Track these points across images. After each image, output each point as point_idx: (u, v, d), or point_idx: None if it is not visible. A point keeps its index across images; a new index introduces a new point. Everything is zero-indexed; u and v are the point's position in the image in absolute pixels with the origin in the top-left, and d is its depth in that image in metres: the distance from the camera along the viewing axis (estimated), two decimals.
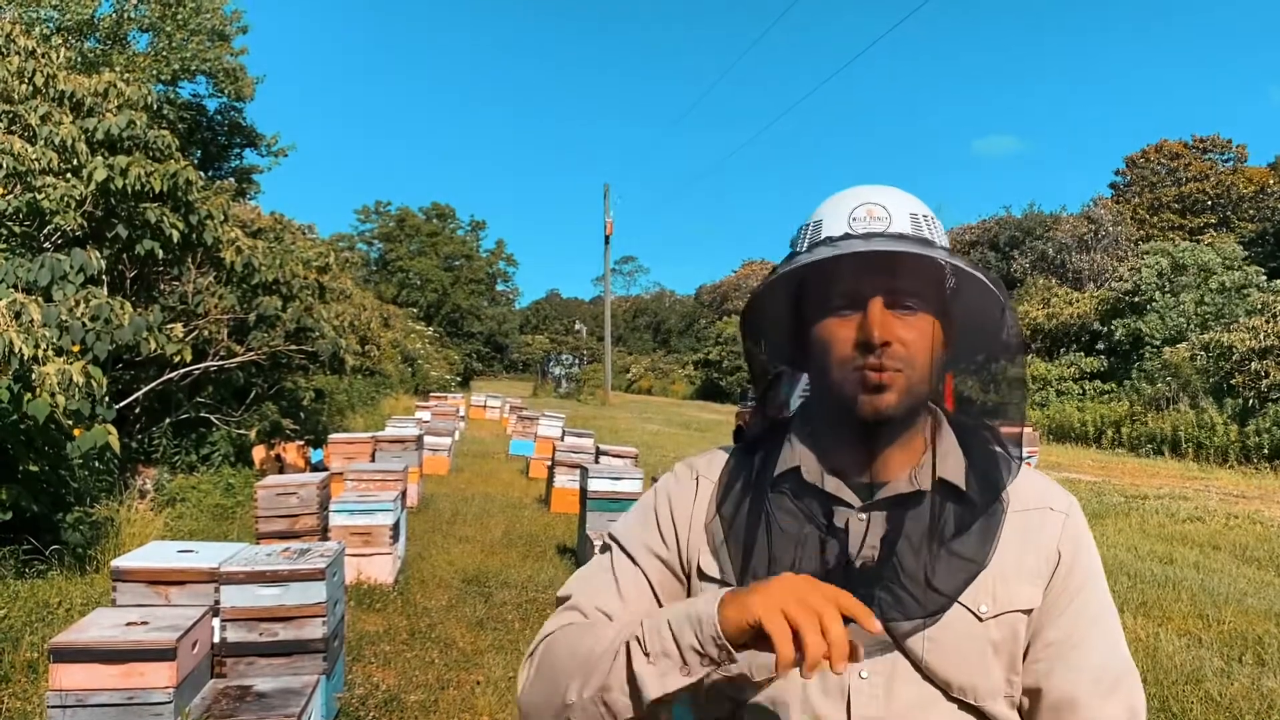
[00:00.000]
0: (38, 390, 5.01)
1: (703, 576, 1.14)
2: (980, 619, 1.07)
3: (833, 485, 1.09)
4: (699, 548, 1.15)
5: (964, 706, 1.08)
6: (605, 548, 1.22)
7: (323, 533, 5.74)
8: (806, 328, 1.10)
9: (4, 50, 7.73)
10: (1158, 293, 23.32)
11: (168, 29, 16.80)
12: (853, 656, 0.86)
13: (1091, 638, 1.10)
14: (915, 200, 1.10)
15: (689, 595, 1.16)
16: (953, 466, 1.09)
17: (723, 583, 1.11)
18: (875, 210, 1.07)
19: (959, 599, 1.05)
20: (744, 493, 1.12)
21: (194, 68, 17.69)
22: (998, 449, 1.11)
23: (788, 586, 0.91)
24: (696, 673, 0.94)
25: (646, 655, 0.95)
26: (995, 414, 1.14)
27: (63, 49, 8.46)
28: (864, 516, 1.08)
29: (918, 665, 1.06)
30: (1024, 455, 1.12)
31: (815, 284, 1.07)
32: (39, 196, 7.07)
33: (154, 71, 16.47)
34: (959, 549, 1.05)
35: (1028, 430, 11.83)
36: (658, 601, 1.16)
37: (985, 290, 1.06)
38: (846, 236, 1.05)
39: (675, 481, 1.22)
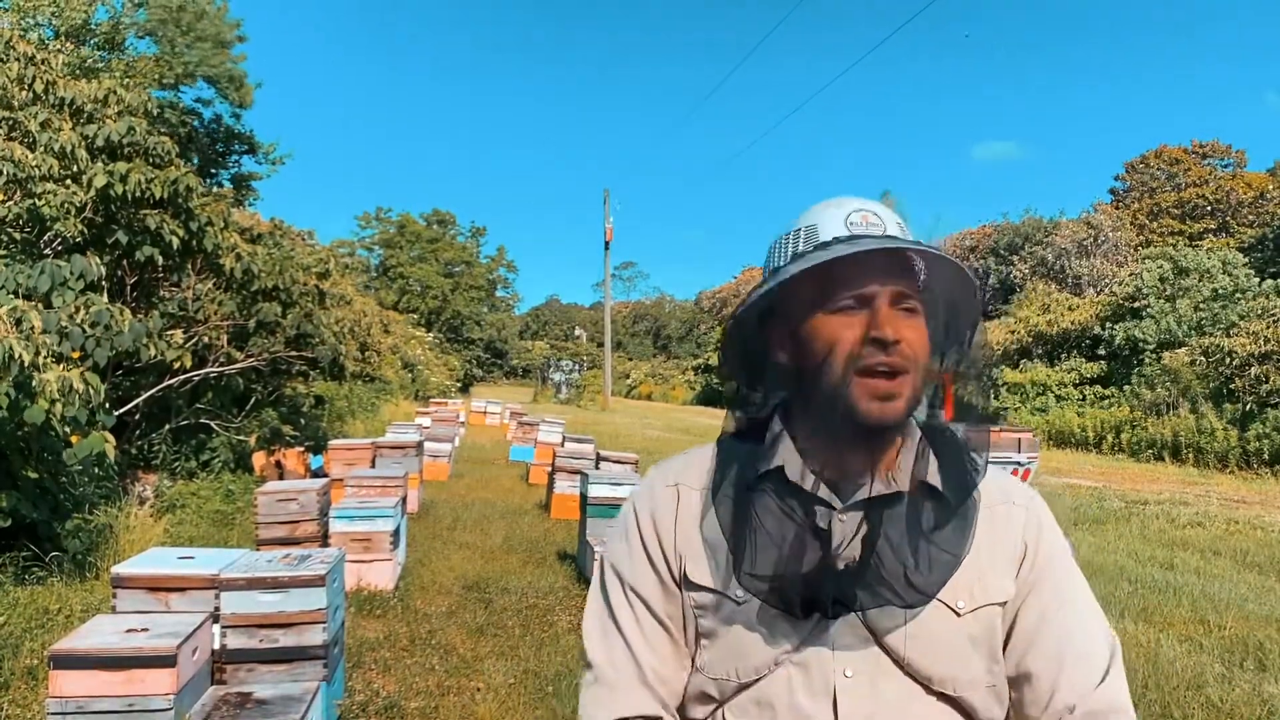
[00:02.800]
0: (36, 397, 5.00)
1: (690, 585, 1.15)
2: (958, 614, 1.10)
3: (815, 485, 1.10)
4: (685, 556, 1.16)
5: (945, 699, 1.10)
6: (603, 584, 1.23)
7: (323, 539, 5.74)
8: (795, 330, 1.10)
9: (3, 57, 7.74)
10: (1153, 298, 23.34)
11: (170, 34, 16.85)
12: None
13: (1062, 615, 1.12)
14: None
15: (682, 605, 1.16)
16: (929, 467, 1.11)
17: (711, 590, 1.13)
18: (870, 217, 1.08)
19: (938, 596, 1.08)
20: (729, 496, 1.13)
21: (198, 72, 17.76)
22: (965, 450, 1.13)
23: None
24: None
25: None
26: (965, 416, 1.16)
27: (61, 55, 8.46)
28: (845, 517, 1.10)
29: (899, 662, 1.09)
30: (1027, 459, 1.14)
31: (814, 286, 1.07)
32: (39, 203, 7.07)
33: (155, 75, 16.52)
34: (937, 547, 1.07)
35: (1027, 436, 11.84)
36: (665, 632, 1.17)
37: (964, 299, 1.11)
38: (854, 238, 1.06)
39: (652, 494, 1.21)
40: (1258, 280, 23.37)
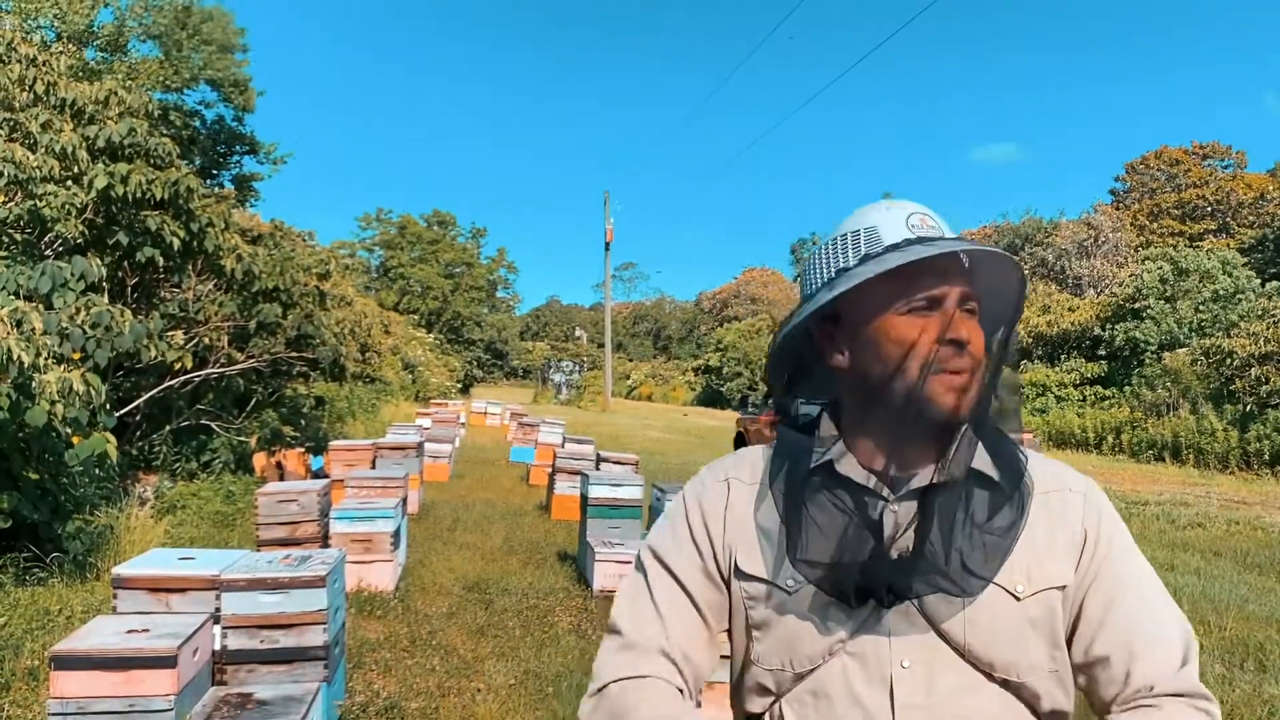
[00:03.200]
0: (37, 398, 5.01)
1: (741, 575, 1.15)
2: (1018, 598, 1.08)
3: (866, 478, 1.11)
4: (735, 547, 1.16)
5: (1007, 686, 1.09)
6: (640, 565, 1.23)
7: (323, 540, 5.74)
8: (854, 330, 1.11)
9: (5, 58, 7.75)
10: (1154, 299, 23.35)
11: (177, 37, 16.90)
12: None
13: (1128, 600, 1.11)
14: None
15: (729, 597, 1.17)
16: (979, 457, 1.11)
17: (763, 580, 1.13)
18: (927, 220, 1.10)
19: (995, 580, 1.07)
20: (781, 490, 1.13)
21: (202, 76, 17.83)
22: (1006, 439, 1.13)
23: None
24: None
25: None
26: (999, 413, 1.16)
27: (64, 57, 8.47)
28: (897, 508, 1.10)
29: (959, 649, 1.07)
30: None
31: (888, 285, 1.07)
32: (40, 204, 7.08)
33: (160, 78, 16.55)
34: (991, 532, 1.07)
35: (1028, 436, 11.86)
36: (700, 615, 1.17)
37: (1016, 302, 1.13)
38: (923, 240, 1.06)
39: (703, 486, 1.23)
40: (1259, 282, 23.40)
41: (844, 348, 1.13)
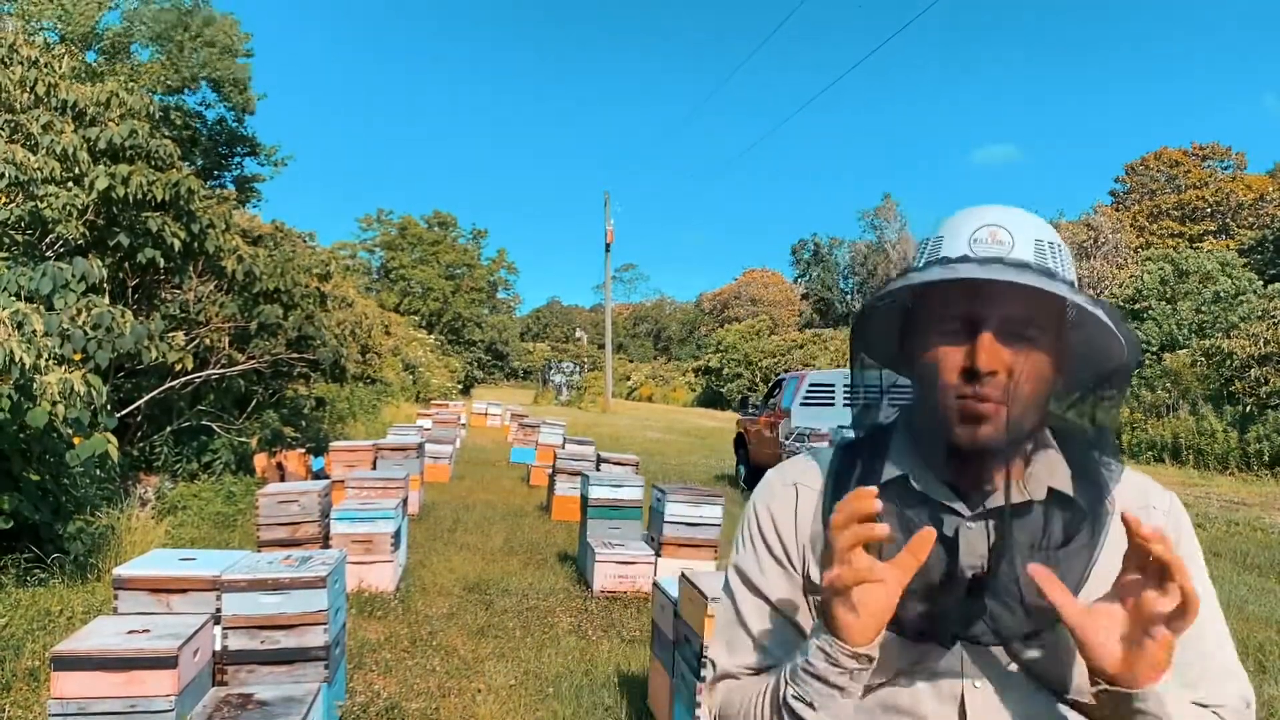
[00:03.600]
0: (38, 399, 5.02)
1: (813, 587, 1.12)
2: None
3: (942, 494, 1.08)
4: (807, 555, 1.15)
5: (1078, 706, 1.07)
6: (729, 588, 1.21)
7: (324, 540, 5.75)
8: (915, 343, 1.08)
9: (6, 60, 7.76)
10: (1154, 300, 23.35)
11: (180, 38, 16.94)
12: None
13: (1195, 627, 1.08)
14: (1042, 224, 1.07)
15: (808, 604, 1.15)
16: (1060, 475, 1.08)
17: None
18: (998, 234, 1.03)
19: None
20: None
21: (203, 75, 17.87)
22: (1098, 455, 1.09)
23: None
24: (855, 688, 1.00)
25: (811, 706, 1.01)
26: (1090, 432, 1.11)
27: (66, 58, 8.49)
28: (973, 525, 1.07)
29: (1032, 670, 1.06)
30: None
31: (929, 303, 1.05)
32: (41, 205, 7.09)
33: (160, 78, 16.59)
34: (1067, 557, 1.04)
35: None
36: (797, 629, 1.15)
37: (1103, 325, 1.02)
38: (965, 259, 1.02)
39: (771, 493, 1.20)
40: (1261, 284, 23.41)
41: (909, 360, 1.12)
